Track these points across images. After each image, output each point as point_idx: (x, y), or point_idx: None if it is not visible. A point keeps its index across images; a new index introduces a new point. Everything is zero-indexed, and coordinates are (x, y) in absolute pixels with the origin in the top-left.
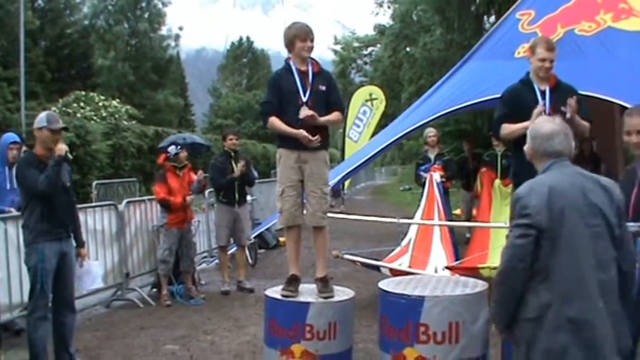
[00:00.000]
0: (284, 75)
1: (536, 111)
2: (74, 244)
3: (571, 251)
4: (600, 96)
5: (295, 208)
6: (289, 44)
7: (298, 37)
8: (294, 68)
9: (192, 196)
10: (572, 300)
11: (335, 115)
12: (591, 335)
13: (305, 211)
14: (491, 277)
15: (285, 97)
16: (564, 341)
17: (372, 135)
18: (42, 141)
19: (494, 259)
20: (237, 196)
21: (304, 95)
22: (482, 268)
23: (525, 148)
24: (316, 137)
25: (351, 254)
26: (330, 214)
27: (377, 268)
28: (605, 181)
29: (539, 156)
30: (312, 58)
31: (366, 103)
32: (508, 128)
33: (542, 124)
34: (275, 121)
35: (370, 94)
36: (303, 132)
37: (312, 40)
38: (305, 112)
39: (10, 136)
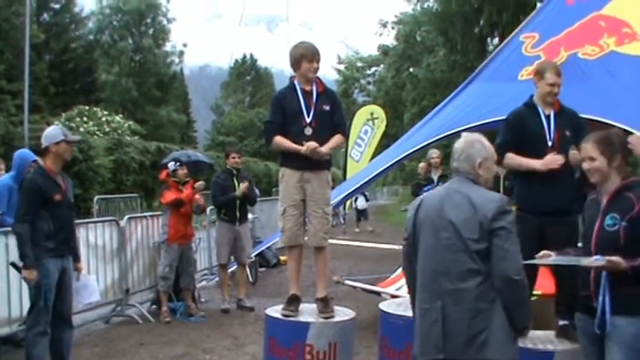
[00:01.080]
0: (288, 94)
1: (553, 158)
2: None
3: (422, 259)
4: (603, 120)
5: (297, 227)
6: (295, 64)
7: (305, 57)
8: (298, 88)
9: (202, 183)
10: (422, 294)
11: (337, 140)
12: (427, 327)
13: (306, 231)
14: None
15: (289, 117)
16: (415, 326)
17: (374, 154)
18: (58, 155)
19: None
20: (238, 214)
21: (308, 116)
22: None
23: None
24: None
25: (351, 279)
26: (331, 240)
27: (377, 293)
28: (478, 198)
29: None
30: (317, 78)
31: (367, 123)
32: (514, 160)
33: (461, 138)
34: (279, 140)
35: (371, 114)
36: (311, 144)
37: (318, 61)
38: (309, 145)
39: (30, 154)
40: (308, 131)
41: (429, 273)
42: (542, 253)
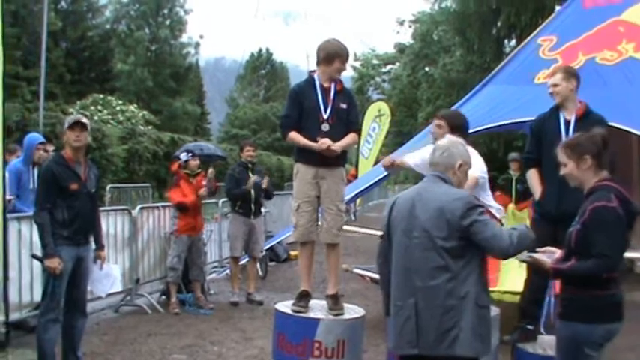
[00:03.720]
0: (306, 89)
1: None
2: (93, 247)
3: (396, 257)
4: (619, 126)
5: (311, 224)
6: (327, 59)
7: (340, 57)
8: (317, 83)
9: (205, 190)
10: (396, 291)
11: (350, 138)
12: (401, 323)
13: (319, 227)
14: (501, 300)
15: (306, 112)
16: (389, 320)
17: (379, 151)
18: (67, 143)
19: (504, 282)
20: (253, 207)
21: (325, 112)
22: (492, 291)
23: None
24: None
25: (360, 269)
26: (346, 227)
27: None
28: (445, 196)
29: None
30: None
31: (375, 120)
32: (530, 180)
33: (442, 140)
34: (294, 136)
35: (379, 110)
36: (325, 142)
37: (346, 64)
38: (323, 142)
39: (37, 137)
40: (325, 127)
41: (402, 271)
42: (545, 248)
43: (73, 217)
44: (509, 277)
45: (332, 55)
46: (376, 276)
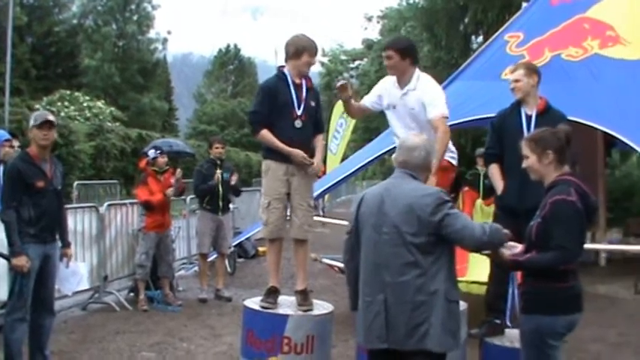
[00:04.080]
0: (279, 85)
1: None
2: (59, 245)
3: (364, 253)
4: (584, 122)
5: (281, 220)
6: (295, 54)
7: (309, 50)
8: (289, 79)
9: (172, 190)
10: (365, 287)
11: (321, 145)
12: (371, 319)
13: (290, 224)
14: (469, 291)
15: (278, 108)
16: (358, 316)
17: (346, 147)
18: (34, 140)
19: (472, 273)
20: (221, 203)
21: (298, 109)
22: (460, 281)
23: None
24: (311, 161)
25: (329, 258)
26: (317, 218)
27: None
28: (415, 192)
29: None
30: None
31: (342, 116)
32: (491, 175)
33: (407, 136)
34: (266, 135)
35: None
36: (299, 153)
37: (315, 58)
38: (298, 154)
39: (3, 134)
40: (298, 124)
41: (371, 266)
42: (511, 243)
43: (40, 215)
44: (478, 268)
45: (300, 49)
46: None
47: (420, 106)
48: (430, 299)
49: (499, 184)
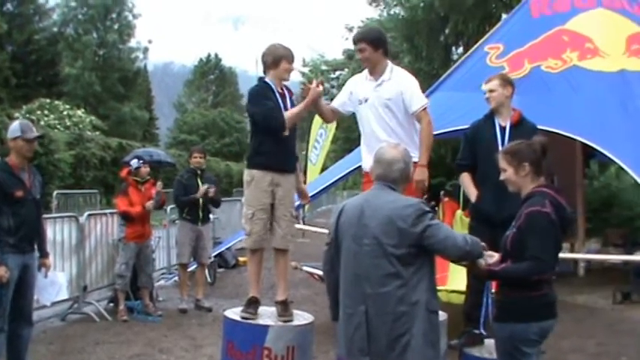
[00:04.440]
0: (266, 91)
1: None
2: (37, 255)
3: (345, 263)
4: (563, 132)
5: (264, 231)
6: (274, 62)
7: (286, 58)
8: (274, 88)
9: (152, 203)
10: (346, 299)
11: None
12: (352, 331)
13: (273, 234)
14: (449, 301)
15: None
16: (339, 327)
17: (326, 157)
18: (17, 151)
19: (452, 282)
20: (201, 214)
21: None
22: (440, 290)
23: None
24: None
25: (309, 266)
26: (297, 226)
27: None
28: (395, 204)
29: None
30: (286, 86)
31: (322, 126)
32: (464, 182)
33: (384, 149)
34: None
35: None
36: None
37: (294, 64)
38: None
39: None
40: (286, 133)
41: (351, 278)
42: (488, 252)
43: (19, 225)
44: (458, 277)
45: (278, 57)
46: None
47: (397, 96)
48: (411, 310)
49: (472, 191)
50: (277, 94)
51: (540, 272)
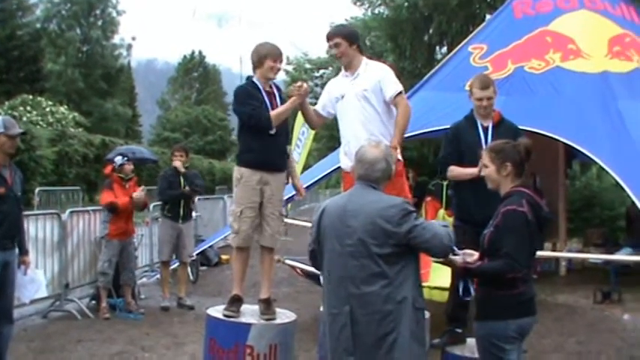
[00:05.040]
0: (252, 91)
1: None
2: (17, 252)
3: (328, 265)
4: (545, 132)
5: (252, 229)
6: (258, 61)
7: (270, 56)
8: (261, 87)
9: (139, 194)
10: (330, 300)
11: (293, 161)
12: (337, 331)
13: (261, 232)
14: (431, 298)
15: None
16: (322, 330)
17: (307, 155)
18: None
19: (434, 279)
20: (182, 211)
21: None
22: (422, 287)
23: None
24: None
25: (291, 259)
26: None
27: (317, 277)
28: (379, 204)
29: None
30: (274, 83)
31: (304, 125)
32: (455, 171)
33: (365, 148)
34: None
35: None
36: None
37: (280, 62)
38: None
39: None
40: (273, 131)
41: (335, 278)
42: (465, 251)
43: (1, 221)
44: (440, 274)
45: (262, 56)
46: (308, 267)
47: (373, 85)
48: (397, 308)
49: (468, 171)
50: (264, 93)
51: (514, 270)
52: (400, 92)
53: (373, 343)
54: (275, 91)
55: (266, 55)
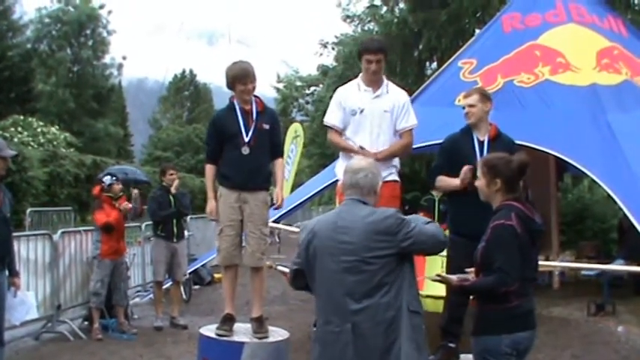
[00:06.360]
0: (227, 115)
1: (464, 169)
2: (7, 274)
3: (322, 284)
4: (537, 147)
5: (233, 247)
6: (230, 85)
7: (238, 79)
8: (237, 107)
9: (129, 205)
10: (329, 318)
11: (280, 170)
12: (339, 351)
13: (244, 251)
14: (425, 307)
15: (227, 138)
16: (316, 353)
17: (296, 172)
18: None
19: (428, 287)
20: (175, 230)
21: (246, 135)
22: None
23: None
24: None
25: (284, 266)
26: (273, 224)
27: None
28: (373, 217)
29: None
30: (256, 96)
31: (293, 141)
32: (443, 181)
33: (354, 160)
34: (208, 171)
35: (295, 131)
36: (213, 205)
37: (252, 82)
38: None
39: None
40: (245, 151)
41: (333, 297)
42: (470, 270)
43: None
44: (433, 282)
45: (231, 80)
46: None
47: (395, 108)
48: (399, 314)
49: (453, 183)
50: (239, 113)
51: (506, 284)
52: (412, 129)
53: (382, 353)
54: (253, 107)
55: (234, 79)
